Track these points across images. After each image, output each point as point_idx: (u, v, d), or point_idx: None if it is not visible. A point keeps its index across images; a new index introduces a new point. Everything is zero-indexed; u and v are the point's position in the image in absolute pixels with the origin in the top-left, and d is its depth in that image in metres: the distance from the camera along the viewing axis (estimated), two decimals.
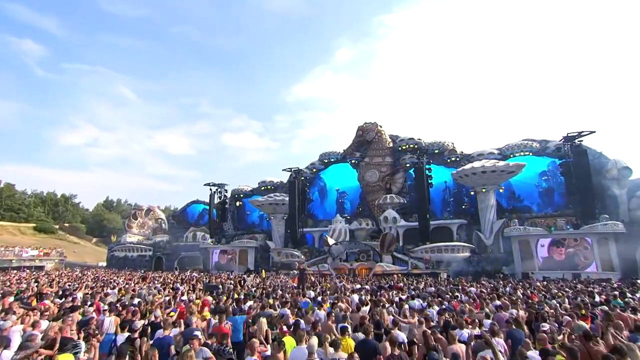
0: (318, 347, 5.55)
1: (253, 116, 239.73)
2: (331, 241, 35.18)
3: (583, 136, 32.25)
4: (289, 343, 5.87)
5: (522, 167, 33.34)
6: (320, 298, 11.97)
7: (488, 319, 8.19)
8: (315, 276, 25.66)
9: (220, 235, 48.68)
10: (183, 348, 5.63)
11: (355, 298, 12.15)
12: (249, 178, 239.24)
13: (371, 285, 18.78)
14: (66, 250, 57.68)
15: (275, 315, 8.76)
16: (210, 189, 50.17)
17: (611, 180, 31.83)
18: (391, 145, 44.18)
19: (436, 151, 41.41)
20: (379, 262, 32.07)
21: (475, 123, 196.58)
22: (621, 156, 35.94)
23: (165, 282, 19.17)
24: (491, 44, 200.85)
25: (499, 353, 5.38)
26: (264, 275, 28.86)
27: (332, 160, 47.47)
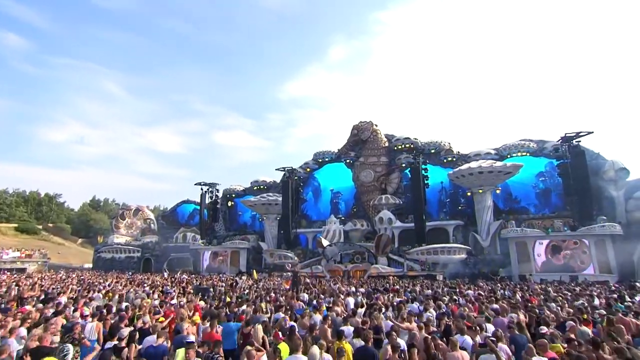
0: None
1: (245, 114, 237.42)
2: (325, 242, 34.65)
3: (581, 137, 32.22)
4: (284, 350, 5.82)
5: (519, 168, 33.34)
6: (315, 302, 11.71)
7: (488, 323, 8.13)
8: (309, 278, 25.02)
9: (211, 236, 48.02)
10: (176, 355, 5.42)
11: (350, 301, 11.91)
12: (241, 177, 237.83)
13: (366, 287, 18.38)
14: (50, 251, 55.98)
15: (269, 320, 8.57)
16: (201, 189, 49.61)
17: (608, 181, 31.97)
18: (387, 144, 43.90)
19: (432, 151, 41.30)
20: (374, 264, 31.66)
21: (472, 122, 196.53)
22: (619, 157, 35.95)
23: (154, 285, 18.23)
24: (489, 41, 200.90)
25: None
26: (256, 276, 28.04)
27: (327, 159, 47.02)
